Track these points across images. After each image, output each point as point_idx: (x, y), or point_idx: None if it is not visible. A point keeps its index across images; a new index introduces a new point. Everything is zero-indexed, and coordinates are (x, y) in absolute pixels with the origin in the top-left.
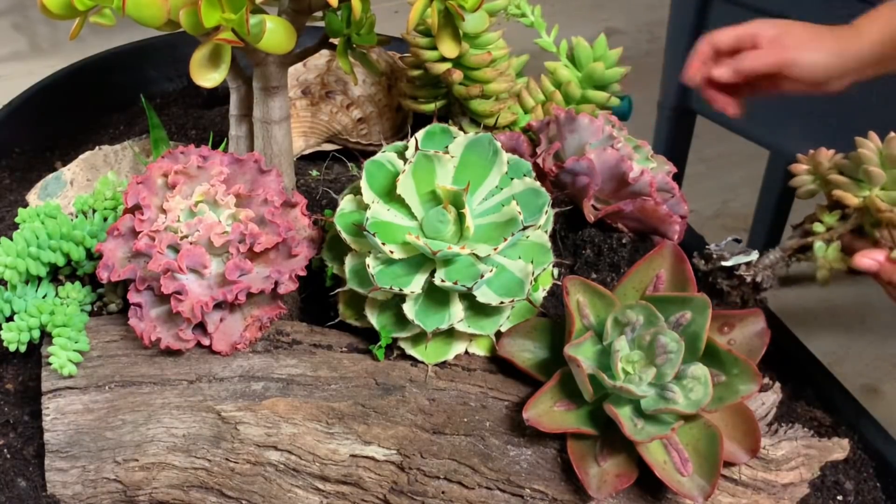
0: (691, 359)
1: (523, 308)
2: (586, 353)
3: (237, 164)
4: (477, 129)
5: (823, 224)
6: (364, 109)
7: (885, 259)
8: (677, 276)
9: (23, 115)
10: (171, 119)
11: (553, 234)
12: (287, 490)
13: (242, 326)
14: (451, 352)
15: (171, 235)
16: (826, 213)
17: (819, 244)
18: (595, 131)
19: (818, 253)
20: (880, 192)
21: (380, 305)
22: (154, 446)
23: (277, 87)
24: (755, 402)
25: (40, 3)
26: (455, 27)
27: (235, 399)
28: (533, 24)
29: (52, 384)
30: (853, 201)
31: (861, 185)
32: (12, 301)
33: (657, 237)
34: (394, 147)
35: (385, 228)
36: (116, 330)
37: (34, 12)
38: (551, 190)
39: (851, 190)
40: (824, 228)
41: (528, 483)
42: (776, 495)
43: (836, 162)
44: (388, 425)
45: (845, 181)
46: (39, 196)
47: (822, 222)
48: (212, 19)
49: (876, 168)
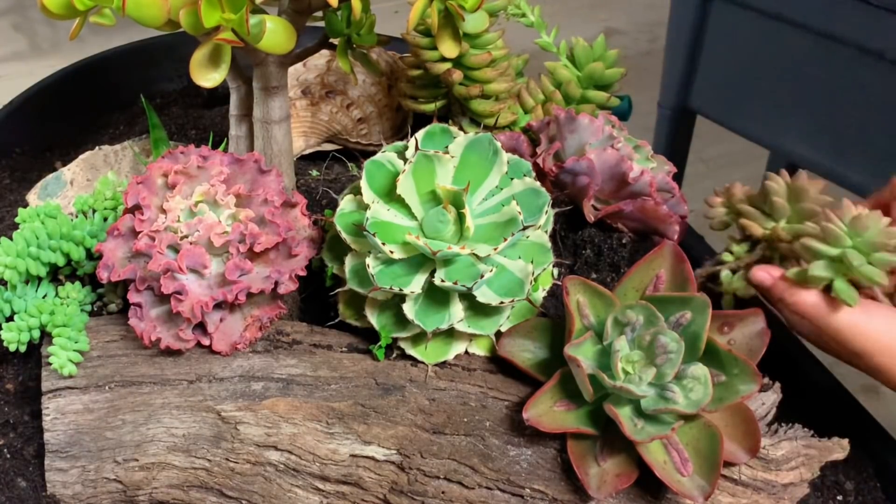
0: (691, 359)
1: (523, 308)
2: (586, 353)
3: (237, 164)
4: (477, 129)
5: (733, 254)
6: (364, 109)
7: (780, 276)
8: (677, 276)
9: (23, 115)
10: (171, 119)
11: (553, 234)
12: (287, 490)
13: (242, 326)
14: (451, 352)
15: (171, 235)
16: (735, 244)
17: (726, 273)
18: (595, 131)
19: (724, 281)
20: (784, 225)
21: (380, 305)
22: (154, 446)
23: (277, 87)
24: (755, 402)
25: (40, 3)
26: (455, 27)
27: (235, 399)
28: (533, 24)
29: (52, 384)
30: (758, 231)
31: (768, 217)
32: (12, 301)
33: (657, 237)
34: (394, 147)
35: (385, 228)
36: (116, 330)
37: (34, 12)
38: (551, 190)
39: (759, 221)
40: (733, 258)
41: (528, 483)
42: (776, 495)
43: (747, 194)
44: (388, 425)
45: (754, 212)
46: (39, 196)
47: (731, 252)
48: (212, 19)
49: (781, 200)
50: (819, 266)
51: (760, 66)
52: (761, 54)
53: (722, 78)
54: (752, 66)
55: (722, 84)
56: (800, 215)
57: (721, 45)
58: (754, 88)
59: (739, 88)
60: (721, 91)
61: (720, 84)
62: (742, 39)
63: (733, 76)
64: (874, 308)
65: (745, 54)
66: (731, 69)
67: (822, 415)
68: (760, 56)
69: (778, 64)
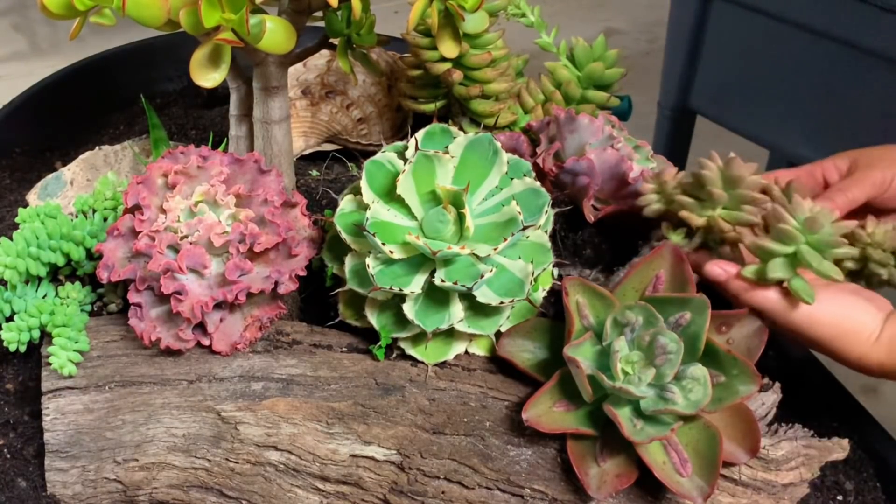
0: (690, 359)
1: (523, 308)
2: (586, 353)
3: (237, 164)
4: (477, 129)
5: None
6: (364, 109)
7: (737, 274)
8: (677, 276)
9: (23, 115)
10: (171, 119)
11: (553, 234)
12: (287, 490)
13: (242, 326)
14: (451, 352)
15: (171, 235)
16: (672, 231)
17: None
18: (595, 131)
19: None
20: (723, 212)
21: (380, 305)
22: (154, 446)
23: (277, 87)
24: (755, 402)
25: (40, 3)
26: (455, 27)
27: (235, 399)
28: (533, 24)
29: (52, 384)
30: (698, 221)
31: (704, 204)
32: (12, 301)
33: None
34: (394, 147)
35: (385, 228)
36: (116, 330)
37: (34, 12)
38: (551, 190)
39: (695, 210)
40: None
41: (528, 483)
42: (776, 495)
43: (680, 182)
44: (388, 425)
45: (690, 201)
46: (39, 196)
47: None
48: (212, 19)
49: (718, 189)
50: (776, 266)
51: (760, 66)
52: (761, 54)
53: (722, 78)
54: (752, 66)
55: (722, 84)
56: (736, 201)
57: (721, 45)
58: (754, 88)
59: (739, 88)
60: (721, 91)
61: (720, 84)
62: (742, 39)
63: (733, 76)
64: (825, 296)
65: (745, 54)
66: (731, 69)
67: (822, 415)
68: (760, 56)
69: (778, 64)
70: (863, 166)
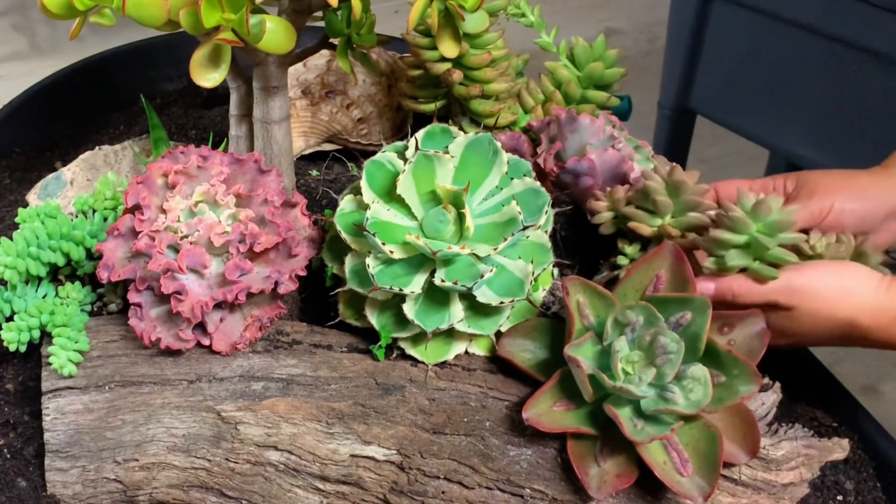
0: (691, 359)
1: (523, 308)
2: (586, 353)
3: (237, 164)
4: (477, 129)
5: (627, 256)
6: (364, 109)
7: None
8: (677, 276)
9: (23, 115)
10: (171, 119)
11: (553, 234)
12: (287, 490)
13: (242, 326)
14: (451, 352)
15: (171, 235)
16: (627, 245)
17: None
18: (596, 131)
19: None
20: (671, 220)
21: (380, 305)
22: (154, 446)
23: (277, 87)
24: (755, 403)
25: (40, 3)
26: (455, 27)
27: (235, 399)
28: (533, 24)
29: (52, 384)
30: (647, 231)
31: (653, 215)
32: (12, 301)
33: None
34: (394, 147)
35: (385, 228)
36: (116, 330)
37: (34, 12)
38: (552, 190)
39: (645, 221)
40: (627, 260)
41: (528, 483)
42: (776, 495)
43: (629, 196)
44: (388, 425)
45: (639, 213)
46: (39, 196)
47: (625, 255)
48: (212, 19)
49: (663, 198)
50: (734, 255)
51: (760, 66)
52: (761, 55)
53: (722, 78)
54: (753, 67)
55: (722, 84)
56: (682, 208)
57: (721, 45)
58: (754, 88)
59: (739, 88)
60: (721, 91)
61: (720, 84)
62: (742, 39)
63: (733, 76)
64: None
65: (746, 54)
66: (731, 69)
67: (822, 415)
68: (761, 56)
69: (778, 64)
70: (804, 195)
